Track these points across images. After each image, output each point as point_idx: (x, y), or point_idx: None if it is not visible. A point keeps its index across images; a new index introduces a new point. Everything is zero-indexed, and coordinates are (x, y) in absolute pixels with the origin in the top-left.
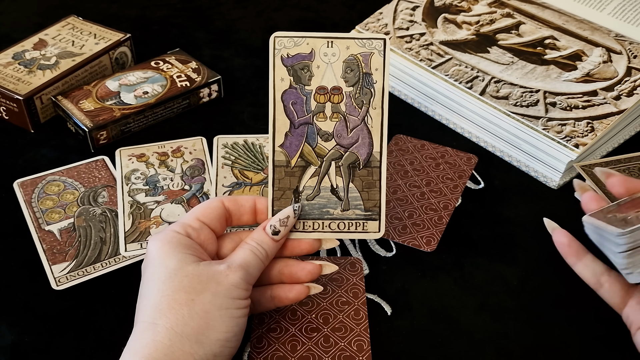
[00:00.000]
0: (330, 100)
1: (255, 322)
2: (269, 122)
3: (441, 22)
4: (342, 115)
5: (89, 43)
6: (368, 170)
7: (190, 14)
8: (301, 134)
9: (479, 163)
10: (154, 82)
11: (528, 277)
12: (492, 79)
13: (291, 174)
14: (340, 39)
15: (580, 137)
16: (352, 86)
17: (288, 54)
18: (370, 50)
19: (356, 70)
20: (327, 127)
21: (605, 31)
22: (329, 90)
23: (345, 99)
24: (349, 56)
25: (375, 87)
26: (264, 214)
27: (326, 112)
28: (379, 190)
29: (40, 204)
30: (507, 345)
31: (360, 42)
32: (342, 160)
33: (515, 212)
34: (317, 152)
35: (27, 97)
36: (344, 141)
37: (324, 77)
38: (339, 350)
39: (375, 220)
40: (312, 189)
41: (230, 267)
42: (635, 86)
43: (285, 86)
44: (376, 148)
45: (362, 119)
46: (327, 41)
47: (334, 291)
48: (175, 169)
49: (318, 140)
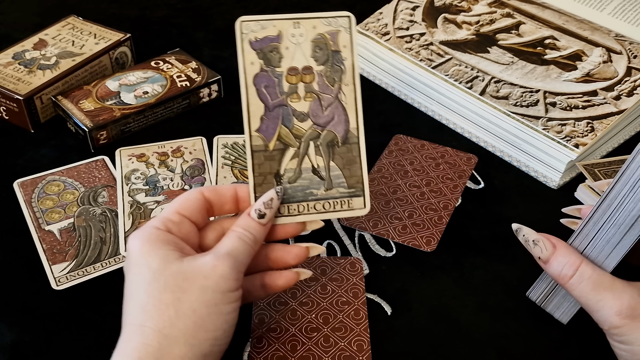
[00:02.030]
0: (302, 80)
1: (255, 322)
2: (242, 107)
3: (441, 22)
4: (316, 94)
5: (89, 43)
6: (347, 147)
7: (190, 13)
8: (277, 117)
9: (479, 163)
10: (154, 82)
11: (528, 277)
12: (492, 79)
13: (270, 157)
14: (306, 19)
15: (580, 137)
16: (323, 65)
17: (256, 38)
18: (336, 29)
19: (325, 48)
20: (302, 107)
21: (605, 31)
22: (300, 71)
23: (317, 78)
24: (316, 35)
25: (345, 64)
26: (246, 201)
27: (299, 93)
28: (360, 165)
29: (40, 203)
30: (507, 345)
31: (326, 20)
32: (321, 139)
33: (515, 212)
34: (294, 134)
35: (27, 97)
36: (320, 120)
37: (294, 58)
38: (339, 350)
39: (359, 197)
40: (293, 171)
41: (217, 257)
42: (635, 86)
43: (256, 70)
44: (352, 124)
45: (336, 96)
46: (294, 22)
47: (334, 291)
48: (175, 169)
49: (294, 122)
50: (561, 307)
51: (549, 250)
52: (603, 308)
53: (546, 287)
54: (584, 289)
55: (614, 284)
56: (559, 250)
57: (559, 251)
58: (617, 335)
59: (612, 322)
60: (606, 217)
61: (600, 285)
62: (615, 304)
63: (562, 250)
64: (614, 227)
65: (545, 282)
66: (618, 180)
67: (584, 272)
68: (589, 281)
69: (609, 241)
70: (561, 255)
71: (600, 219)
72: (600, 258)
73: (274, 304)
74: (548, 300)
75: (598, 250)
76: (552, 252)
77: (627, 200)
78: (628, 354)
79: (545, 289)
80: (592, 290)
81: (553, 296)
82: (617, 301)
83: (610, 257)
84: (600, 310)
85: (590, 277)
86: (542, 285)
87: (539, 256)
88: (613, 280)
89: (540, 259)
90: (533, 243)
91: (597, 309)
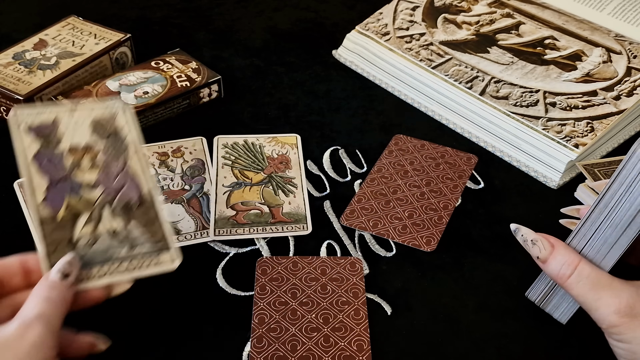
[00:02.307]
0: (85, 156)
1: (255, 322)
2: (24, 183)
3: (441, 22)
4: (102, 166)
5: (89, 43)
6: (144, 209)
7: (191, 14)
8: (62, 189)
9: (478, 163)
10: (154, 82)
11: (528, 277)
12: (492, 79)
13: (61, 227)
14: (82, 107)
15: (580, 137)
16: (104, 143)
17: (32, 124)
18: (113, 112)
19: (103, 130)
20: (90, 178)
21: (605, 31)
22: (81, 149)
23: (100, 154)
24: (93, 119)
25: (127, 139)
26: (37, 272)
27: (84, 166)
28: (161, 224)
29: None
30: (507, 345)
31: (102, 106)
32: (115, 204)
33: (515, 212)
34: (85, 202)
35: (28, 97)
36: (111, 188)
37: (73, 138)
38: (339, 350)
39: (166, 251)
40: (88, 236)
41: (24, 324)
42: (635, 86)
43: (35, 149)
44: (145, 190)
45: (123, 167)
46: (70, 110)
47: (334, 291)
48: (175, 169)
49: (83, 191)
50: (560, 307)
51: (547, 250)
52: (601, 307)
53: (545, 287)
54: (582, 288)
55: (613, 283)
56: (557, 250)
57: (557, 251)
58: (615, 334)
59: (611, 321)
60: (603, 217)
61: (599, 284)
62: (614, 303)
63: (561, 249)
64: (610, 226)
65: (544, 283)
66: (614, 180)
67: (582, 271)
68: (587, 280)
69: (606, 241)
70: (559, 255)
71: (598, 219)
72: (598, 258)
73: (274, 303)
74: (547, 300)
75: (596, 250)
76: (550, 252)
77: (624, 200)
78: (627, 353)
79: (544, 289)
80: (591, 289)
81: (552, 296)
82: (616, 300)
83: (608, 257)
84: (598, 309)
85: (588, 276)
86: (541, 285)
87: (538, 256)
88: (611, 279)
89: (539, 258)
90: (531, 243)
91: (596, 307)
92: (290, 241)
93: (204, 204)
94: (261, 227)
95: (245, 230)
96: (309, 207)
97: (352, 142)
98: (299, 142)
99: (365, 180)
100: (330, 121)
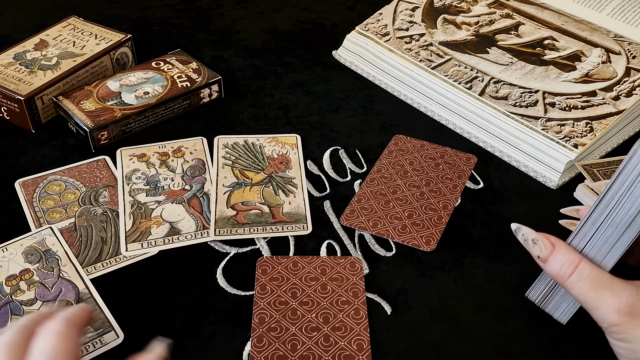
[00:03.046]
0: (22, 279)
1: (255, 322)
2: None
3: (441, 23)
4: (39, 282)
5: (90, 43)
6: (85, 303)
7: (191, 14)
8: (5, 312)
9: (478, 163)
10: (154, 83)
11: (528, 277)
12: (491, 80)
13: None
14: (11, 243)
15: (579, 137)
16: (38, 263)
17: None
18: (42, 237)
19: (36, 253)
20: (29, 295)
21: (604, 32)
22: (18, 275)
23: (35, 273)
24: (26, 248)
25: (58, 254)
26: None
27: (22, 288)
28: (101, 310)
29: (41, 203)
30: (507, 345)
31: (31, 237)
32: (55, 308)
33: (515, 212)
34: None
35: (28, 97)
36: (49, 297)
37: (9, 269)
38: (339, 350)
39: (109, 332)
40: None
41: None
42: (634, 86)
43: None
44: (82, 288)
45: (57, 277)
46: (2, 249)
47: (334, 291)
48: (176, 169)
49: (24, 308)
50: (560, 307)
51: (548, 249)
52: (602, 306)
53: (545, 288)
54: (582, 287)
55: (613, 282)
56: (558, 249)
57: (558, 250)
58: (616, 333)
59: (611, 320)
60: (604, 217)
61: (599, 283)
62: (614, 302)
63: (561, 249)
64: (611, 226)
65: (544, 283)
66: (615, 179)
67: (582, 270)
68: (587, 279)
69: (607, 240)
70: (560, 254)
71: (598, 219)
72: (599, 258)
73: (275, 303)
74: (547, 300)
75: (596, 249)
76: (551, 251)
77: (624, 199)
78: (627, 352)
79: (544, 290)
80: (591, 288)
81: (552, 296)
82: (616, 299)
83: (609, 257)
84: (599, 308)
85: (589, 275)
86: (541, 285)
87: (538, 255)
88: (612, 279)
89: (540, 257)
90: (532, 242)
91: (596, 307)
92: (291, 241)
93: (204, 204)
94: (261, 227)
95: (246, 230)
96: (309, 207)
97: (352, 142)
98: (299, 142)
99: (365, 180)
100: (330, 121)
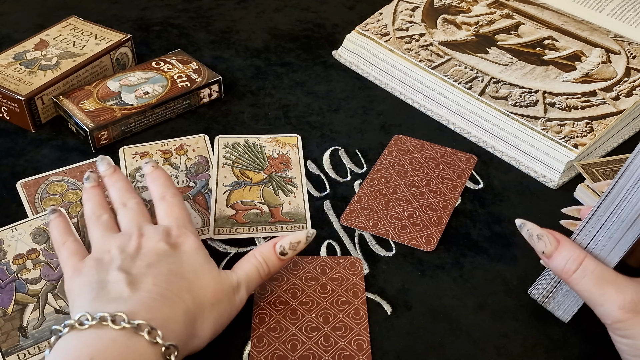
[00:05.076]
0: (29, 258)
1: (255, 322)
2: None
3: (441, 23)
4: (44, 262)
5: (90, 43)
6: None
7: (191, 14)
8: (10, 289)
9: (478, 163)
10: (154, 83)
11: (528, 277)
12: (491, 80)
13: (11, 318)
14: (21, 224)
15: (579, 137)
16: (45, 243)
17: None
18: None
19: (43, 234)
20: (34, 274)
21: (604, 32)
22: (25, 254)
23: (42, 253)
24: (34, 228)
25: None
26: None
27: (28, 267)
28: None
29: (43, 204)
30: (507, 345)
31: (39, 218)
32: (58, 288)
33: (515, 212)
34: (31, 294)
35: (28, 97)
36: (53, 276)
37: (16, 249)
38: (339, 350)
39: None
40: (36, 320)
41: (239, 284)
42: (634, 86)
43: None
44: None
45: None
46: (11, 229)
47: (334, 290)
48: (179, 167)
49: (29, 286)
50: (562, 306)
51: (553, 245)
52: (606, 302)
53: (548, 285)
54: (587, 283)
55: (617, 279)
56: (563, 245)
57: (562, 246)
58: (619, 329)
59: (615, 317)
60: (609, 213)
61: (604, 280)
62: (619, 298)
63: (566, 245)
64: (616, 223)
65: (547, 280)
66: (621, 176)
67: (587, 266)
68: (592, 275)
69: (612, 237)
70: (565, 250)
71: (603, 215)
72: (603, 254)
73: (274, 303)
74: (549, 298)
75: (601, 246)
76: (555, 247)
77: (630, 196)
78: (630, 349)
79: (547, 287)
80: (595, 285)
81: (555, 294)
82: (620, 295)
83: (613, 254)
84: (603, 304)
85: (593, 272)
86: (544, 283)
87: (543, 251)
88: (616, 275)
89: (544, 253)
90: (537, 238)
91: (600, 303)
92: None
93: (209, 200)
94: (261, 227)
95: (245, 230)
96: (308, 207)
97: (352, 142)
98: (299, 142)
99: (365, 180)
100: (330, 121)
